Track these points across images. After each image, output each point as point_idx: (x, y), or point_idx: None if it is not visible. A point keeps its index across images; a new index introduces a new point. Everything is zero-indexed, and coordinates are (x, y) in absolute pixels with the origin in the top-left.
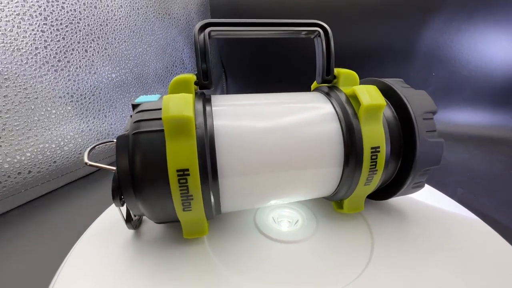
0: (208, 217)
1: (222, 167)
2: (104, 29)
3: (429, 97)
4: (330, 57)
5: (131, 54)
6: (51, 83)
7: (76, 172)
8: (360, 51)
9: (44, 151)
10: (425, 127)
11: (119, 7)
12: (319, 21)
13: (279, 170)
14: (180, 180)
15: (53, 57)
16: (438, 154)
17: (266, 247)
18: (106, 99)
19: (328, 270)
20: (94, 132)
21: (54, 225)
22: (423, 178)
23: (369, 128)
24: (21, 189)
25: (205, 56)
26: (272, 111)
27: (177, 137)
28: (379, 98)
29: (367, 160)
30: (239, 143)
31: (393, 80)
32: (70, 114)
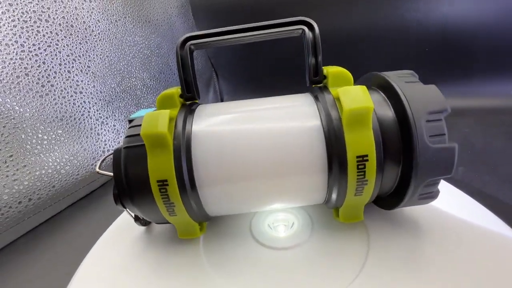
0: (197, 220)
1: (200, 177)
2: (84, 47)
3: (438, 93)
4: (316, 56)
5: (116, 68)
6: (38, 109)
7: (76, 194)
8: (356, 35)
9: (41, 177)
10: (428, 130)
11: (96, 22)
12: (304, 17)
13: (258, 179)
14: (161, 189)
15: (36, 83)
16: (448, 163)
17: (258, 254)
18: (97, 117)
19: (315, 281)
20: (89, 151)
21: (60, 249)
22: (432, 188)
23: (354, 135)
24: (24, 217)
25: (186, 70)
26: (251, 119)
27: (156, 151)
28: (365, 100)
29: (353, 170)
30: (215, 154)
31: (397, 73)
32: (62, 137)
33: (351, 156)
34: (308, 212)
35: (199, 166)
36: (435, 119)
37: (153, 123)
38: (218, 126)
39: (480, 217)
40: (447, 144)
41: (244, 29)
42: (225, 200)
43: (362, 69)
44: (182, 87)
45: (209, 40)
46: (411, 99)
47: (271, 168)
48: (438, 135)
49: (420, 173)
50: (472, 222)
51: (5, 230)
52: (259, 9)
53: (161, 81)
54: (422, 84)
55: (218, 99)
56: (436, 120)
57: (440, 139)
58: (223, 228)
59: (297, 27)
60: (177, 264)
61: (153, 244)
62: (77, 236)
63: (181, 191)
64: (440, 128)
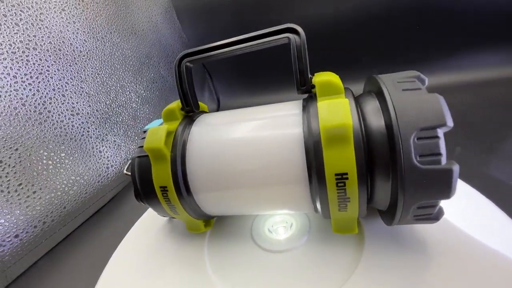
0: (199, 218)
1: (193, 184)
2: (75, 69)
3: (438, 105)
4: (302, 65)
5: (108, 84)
6: (39, 136)
7: (86, 211)
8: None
9: (51, 200)
10: (418, 149)
11: (83, 42)
12: (291, 24)
13: (244, 188)
14: (163, 194)
15: (33, 112)
16: (443, 186)
17: (256, 256)
18: (96, 135)
19: (306, 282)
20: (93, 169)
21: (78, 264)
22: (429, 210)
23: (333, 152)
24: (41, 240)
25: (183, 86)
26: (238, 133)
27: (157, 161)
28: (343, 117)
29: (332, 187)
30: (206, 165)
31: (399, 77)
32: (66, 159)
33: (330, 173)
34: (307, 213)
35: (192, 175)
36: (428, 136)
37: (153, 139)
38: (209, 140)
39: (486, 221)
40: (441, 166)
41: (234, 42)
42: (218, 204)
43: (358, 54)
44: (181, 102)
45: (204, 55)
46: (402, 111)
47: (256, 178)
48: (431, 154)
49: (407, 195)
50: (477, 228)
51: (25, 254)
52: (243, 8)
53: (155, 90)
54: (422, 93)
55: (214, 98)
56: (429, 138)
57: (433, 159)
58: (227, 230)
59: (283, 35)
60: (182, 262)
61: (168, 239)
62: (93, 250)
63: (178, 196)
64: (434, 147)
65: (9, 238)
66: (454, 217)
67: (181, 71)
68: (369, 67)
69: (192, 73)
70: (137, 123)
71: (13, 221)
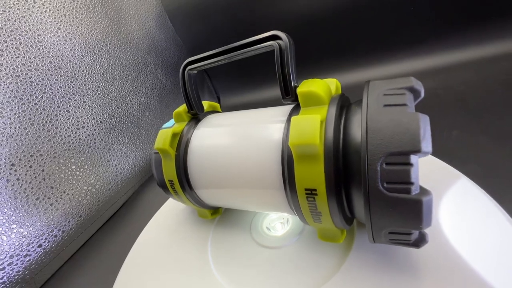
0: (205, 208)
1: (193, 181)
2: (76, 84)
3: (417, 128)
4: (285, 75)
5: (109, 95)
6: (49, 153)
7: (101, 218)
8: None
9: (68, 211)
10: (385, 175)
11: (80, 57)
12: (276, 31)
13: (230, 188)
14: (171, 186)
15: (42, 130)
16: (413, 217)
17: (254, 252)
18: (103, 146)
19: (298, 276)
20: (103, 178)
21: (98, 268)
22: (404, 237)
23: (303, 168)
24: (62, 248)
25: (187, 92)
26: (229, 137)
27: (165, 159)
28: (311, 136)
29: (303, 200)
30: (200, 165)
31: (386, 89)
32: (77, 172)
33: (300, 188)
34: None
35: (192, 173)
36: (398, 162)
37: (160, 140)
38: (204, 143)
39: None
40: (410, 196)
41: (227, 50)
42: (214, 199)
43: (354, 41)
44: (187, 106)
45: (203, 63)
46: (375, 132)
47: (241, 181)
48: (399, 182)
49: (374, 220)
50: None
51: (49, 261)
52: (235, 7)
53: (155, 96)
54: (403, 111)
55: (214, 97)
56: (399, 164)
57: (402, 187)
58: (229, 225)
59: (268, 44)
60: (188, 255)
61: (177, 234)
62: (110, 253)
63: (182, 189)
64: (403, 174)
65: (33, 248)
66: (450, 217)
67: (185, 78)
68: (366, 53)
69: (195, 80)
70: (140, 130)
71: (35, 232)
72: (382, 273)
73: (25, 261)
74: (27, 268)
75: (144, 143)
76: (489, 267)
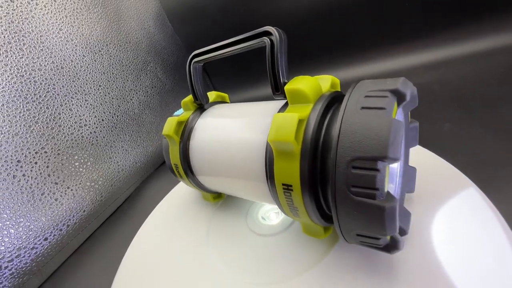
0: (208, 192)
1: (194, 166)
2: (78, 83)
3: (386, 134)
4: (274, 71)
5: (111, 94)
6: (54, 150)
7: (104, 213)
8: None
9: (72, 206)
10: (351, 179)
11: (82, 57)
12: (268, 27)
13: (224, 177)
14: (176, 169)
15: (46, 128)
16: (376, 223)
17: (247, 238)
18: (105, 143)
19: (281, 263)
20: (105, 174)
21: (101, 260)
22: (370, 241)
23: (281, 164)
24: (67, 241)
25: (192, 83)
26: (223, 129)
27: (171, 144)
28: (288, 133)
29: (282, 195)
30: (199, 153)
31: (369, 89)
32: (81, 168)
33: (278, 182)
34: None
35: (193, 159)
36: (365, 167)
37: (167, 127)
38: (204, 133)
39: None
40: (374, 202)
41: (225, 45)
42: (212, 185)
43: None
44: (193, 96)
45: (207, 56)
46: (347, 134)
47: (232, 171)
48: (365, 187)
49: (341, 221)
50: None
51: (55, 254)
52: (232, 5)
53: (155, 94)
54: (379, 116)
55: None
56: (366, 169)
57: (368, 192)
58: (228, 212)
59: (260, 39)
60: (188, 240)
61: (180, 221)
62: (113, 246)
63: (185, 173)
64: (368, 180)
65: (40, 241)
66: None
67: (191, 70)
68: (363, 49)
69: (200, 72)
70: (141, 128)
71: (41, 226)
72: (358, 271)
73: (32, 254)
74: (34, 260)
75: (145, 141)
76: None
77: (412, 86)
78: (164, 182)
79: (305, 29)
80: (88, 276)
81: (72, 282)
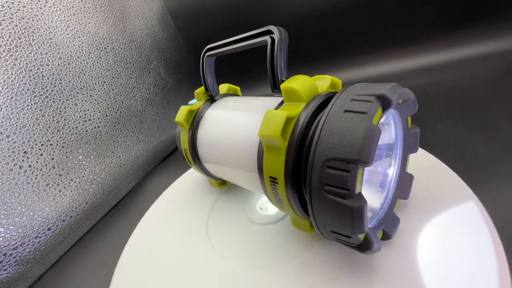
0: (211, 177)
1: (200, 154)
2: (83, 79)
3: (359, 138)
4: (273, 69)
5: (115, 91)
6: (59, 142)
7: (105, 206)
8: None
9: (75, 197)
10: (325, 178)
11: (88, 54)
12: (271, 26)
13: (224, 166)
14: (185, 154)
15: (52, 121)
16: (346, 222)
17: (243, 226)
18: (108, 138)
19: (273, 250)
20: (107, 168)
21: (103, 251)
22: (344, 239)
23: (269, 157)
24: (69, 232)
25: (204, 76)
26: (226, 122)
27: (182, 130)
28: (274, 129)
29: (269, 187)
30: (204, 141)
31: (356, 92)
32: (84, 161)
33: (266, 175)
34: None
35: (199, 147)
36: (339, 168)
37: (179, 114)
38: (210, 124)
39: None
40: (343, 201)
41: (233, 41)
42: (214, 172)
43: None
44: (204, 87)
45: (218, 51)
46: (327, 134)
47: (230, 161)
48: (337, 187)
49: (317, 217)
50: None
51: (58, 244)
52: (234, 8)
53: (157, 92)
54: (359, 120)
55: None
56: (339, 169)
57: (339, 192)
58: (228, 202)
59: (262, 38)
60: (188, 227)
61: (180, 211)
62: (114, 238)
63: (193, 159)
64: (340, 180)
65: (43, 231)
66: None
67: (204, 63)
68: (361, 51)
69: (212, 66)
70: (143, 124)
71: (45, 216)
72: (337, 266)
73: (35, 242)
74: (38, 249)
75: (146, 137)
76: None
77: (408, 92)
78: (165, 178)
79: (307, 29)
80: (90, 265)
81: (74, 271)
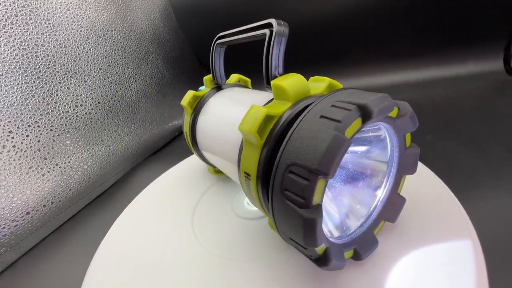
0: (207, 163)
1: (198, 140)
2: (78, 64)
3: (323, 148)
4: (268, 64)
5: (110, 79)
6: (47, 125)
7: (90, 195)
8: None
9: (58, 183)
10: (285, 182)
11: (86, 39)
12: (271, 19)
13: (215, 155)
14: (187, 138)
15: (42, 102)
16: (299, 231)
17: (228, 220)
18: (98, 125)
19: (262, 243)
20: (95, 156)
21: (82, 240)
22: (301, 249)
23: (245, 153)
24: (49, 218)
25: (213, 64)
26: (224, 109)
27: (186, 114)
28: (251, 125)
29: (243, 181)
30: (202, 127)
31: (339, 99)
32: (71, 147)
33: (242, 170)
34: None
35: (198, 132)
36: (299, 175)
37: (185, 98)
38: (209, 112)
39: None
40: (298, 210)
41: (241, 30)
42: (209, 159)
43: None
44: (212, 75)
45: (228, 39)
46: (295, 139)
47: (219, 151)
48: (296, 194)
49: (277, 222)
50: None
51: (35, 229)
52: (236, 4)
53: (153, 85)
54: (329, 128)
55: None
56: (299, 176)
57: (296, 199)
58: (215, 196)
59: (261, 31)
60: (173, 220)
61: (166, 203)
62: (95, 229)
63: (192, 143)
64: (298, 187)
65: (22, 214)
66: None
67: (214, 50)
68: (359, 60)
69: (221, 54)
70: (136, 115)
71: (25, 199)
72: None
73: (12, 226)
74: (14, 233)
75: (138, 128)
76: None
77: (405, 107)
78: (154, 171)
79: (307, 29)
80: (67, 255)
81: (49, 260)
